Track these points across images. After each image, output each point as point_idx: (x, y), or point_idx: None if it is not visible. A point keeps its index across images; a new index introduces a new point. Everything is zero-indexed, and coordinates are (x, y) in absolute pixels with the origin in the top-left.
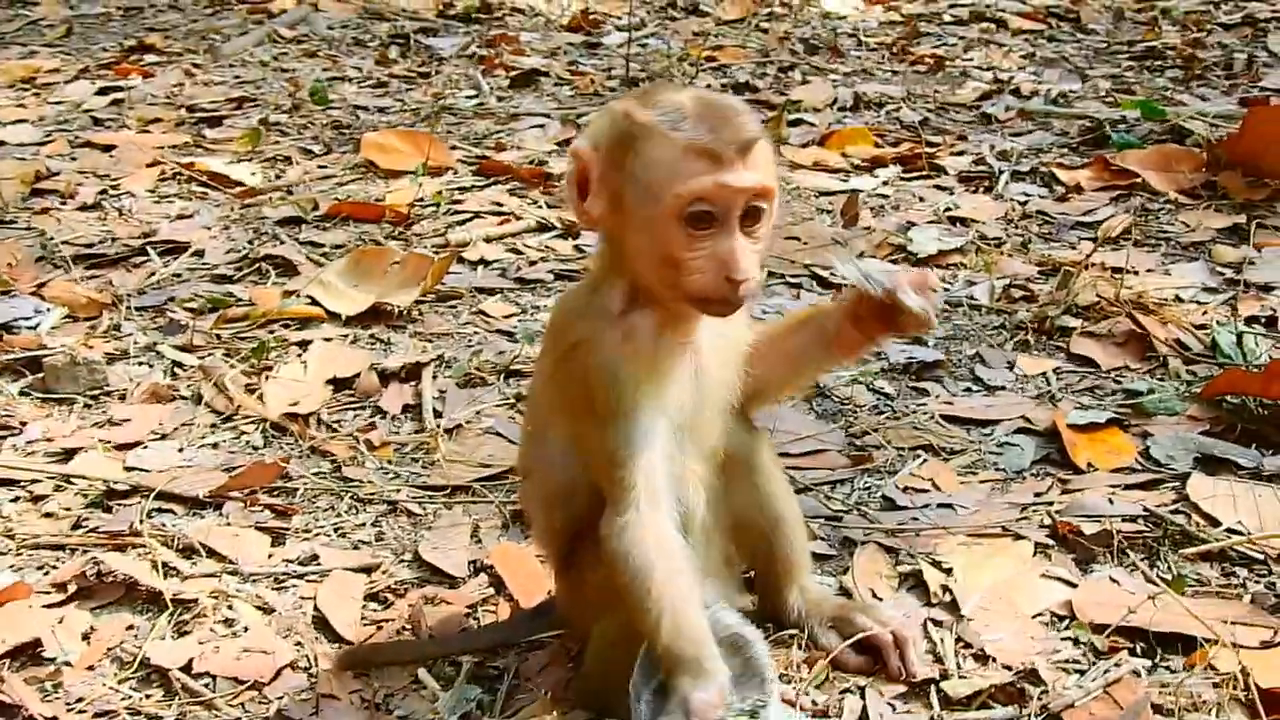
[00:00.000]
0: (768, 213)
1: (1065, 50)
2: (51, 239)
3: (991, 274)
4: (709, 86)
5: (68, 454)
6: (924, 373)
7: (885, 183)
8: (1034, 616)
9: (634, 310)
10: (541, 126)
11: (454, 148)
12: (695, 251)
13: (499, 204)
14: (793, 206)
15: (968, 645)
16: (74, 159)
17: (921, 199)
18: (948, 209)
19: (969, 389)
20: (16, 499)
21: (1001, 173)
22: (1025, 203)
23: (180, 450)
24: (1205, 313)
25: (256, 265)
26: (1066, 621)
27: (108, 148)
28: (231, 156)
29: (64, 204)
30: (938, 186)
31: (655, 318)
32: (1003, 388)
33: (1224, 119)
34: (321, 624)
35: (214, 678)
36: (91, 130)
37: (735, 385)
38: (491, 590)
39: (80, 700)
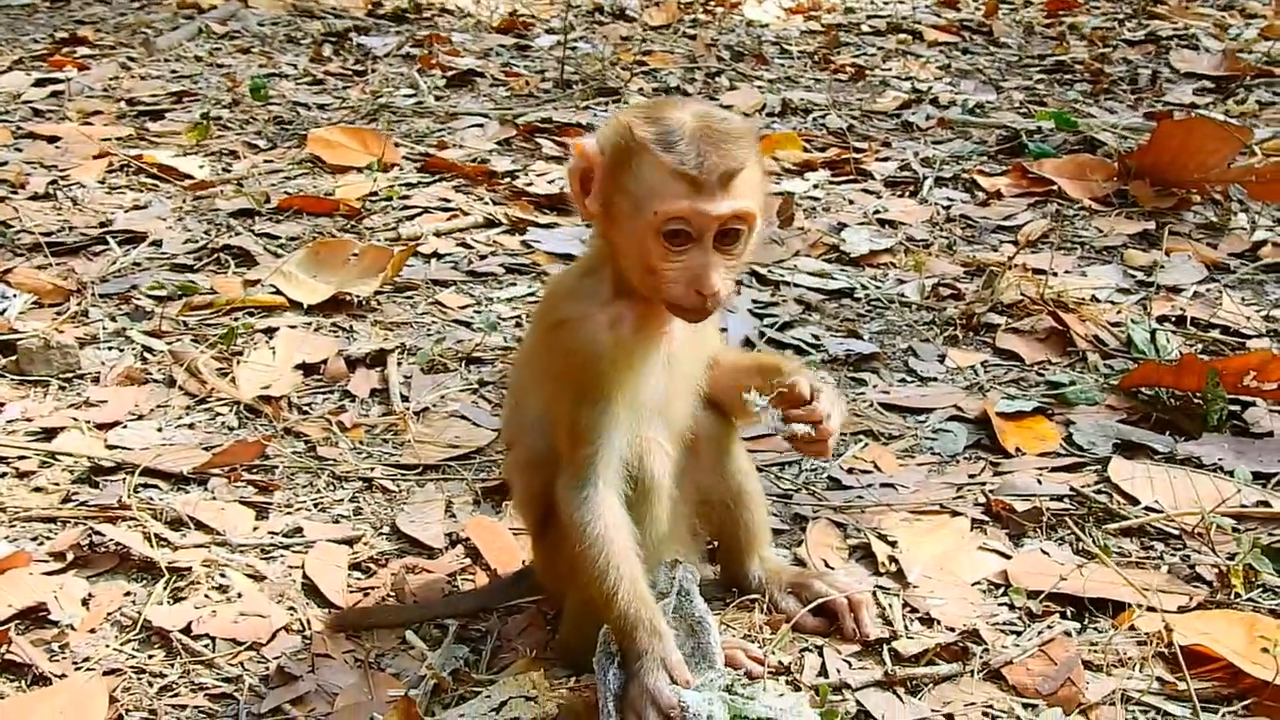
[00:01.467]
0: (746, 233)
1: (979, 62)
2: (10, 227)
3: (920, 273)
4: (640, 90)
5: (49, 433)
6: (861, 364)
7: (816, 186)
8: (973, 584)
9: (621, 299)
10: (481, 126)
11: (397, 145)
12: (671, 264)
13: (446, 199)
14: None
15: (914, 610)
16: (19, 149)
17: (851, 201)
18: (877, 212)
19: (903, 379)
20: (4, 475)
21: (925, 178)
22: (949, 207)
23: (159, 430)
24: (1120, 311)
25: (215, 255)
26: (1003, 589)
27: (52, 139)
28: (178, 149)
29: (15, 193)
30: (866, 190)
31: (638, 309)
32: (935, 379)
33: (1132, 131)
34: (311, 590)
35: (213, 639)
36: (33, 121)
37: (701, 375)
38: (468, 560)
39: (87, 660)
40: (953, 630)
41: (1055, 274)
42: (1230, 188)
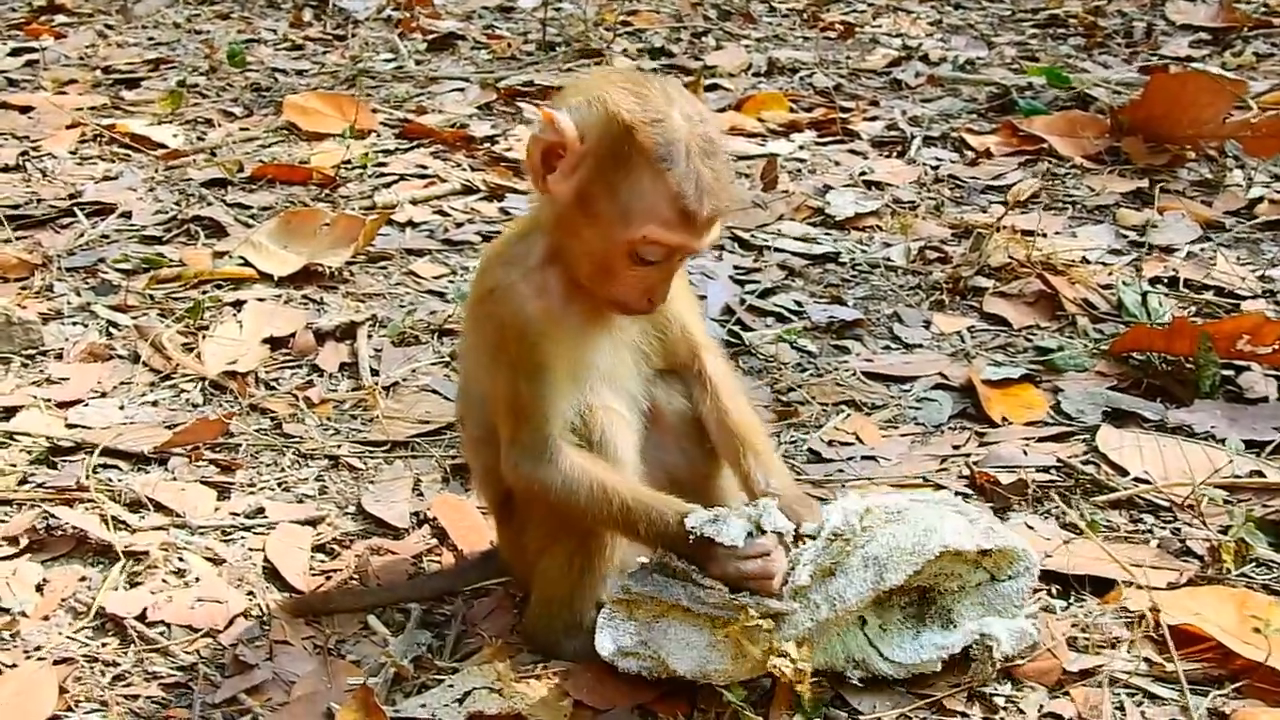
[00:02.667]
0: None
1: (971, 18)
2: None
3: (907, 236)
4: (624, 52)
5: (8, 412)
6: (844, 331)
7: (801, 147)
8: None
9: (550, 267)
10: (461, 90)
11: (375, 110)
12: (634, 274)
13: (423, 166)
14: None
15: None
16: None
17: (837, 163)
18: (863, 173)
19: (888, 347)
20: None
21: (913, 138)
22: (937, 167)
23: (121, 408)
24: (1111, 273)
25: (185, 226)
26: None
27: (25, 109)
28: (152, 118)
29: None
30: (852, 151)
31: (566, 278)
32: (920, 345)
33: (1126, 86)
34: (271, 574)
35: (168, 626)
36: (7, 91)
37: (654, 342)
38: (435, 541)
39: (38, 648)
40: None
41: (1045, 235)
42: (1226, 143)
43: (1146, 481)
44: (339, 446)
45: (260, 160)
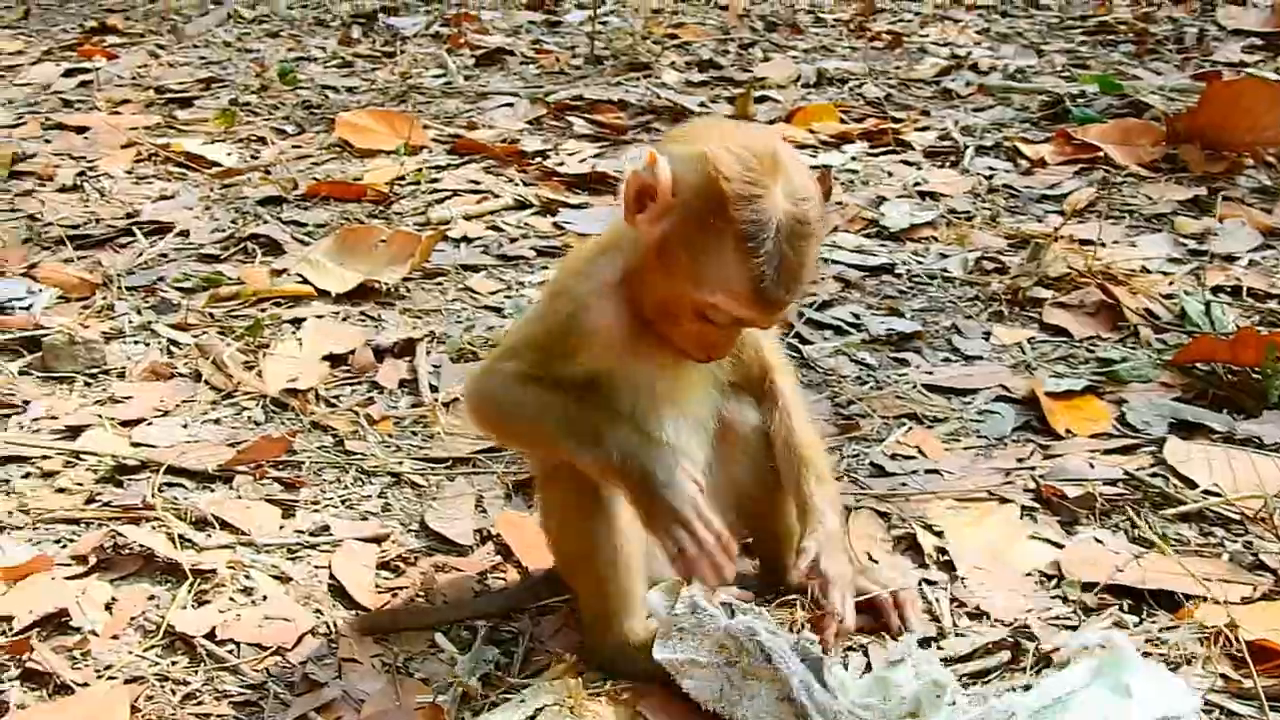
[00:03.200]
0: None
1: (1019, 25)
2: (37, 220)
3: (964, 247)
4: (672, 65)
5: (74, 431)
6: (903, 343)
7: (853, 158)
8: (1024, 576)
9: (624, 288)
10: (510, 105)
11: (426, 126)
12: (695, 327)
13: (476, 182)
14: None
15: (962, 604)
16: (48, 141)
17: (890, 174)
18: (916, 184)
19: (947, 359)
20: (28, 475)
21: (966, 147)
22: (991, 176)
23: (185, 426)
24: (1172, 282)
25: (242, 244)
26: (1055, 580)
27: (81, 129)
28: (206, 137)
29: (43, 185)
30: (905, 161)
31: (634, 309)
32: (980, 357)
33: (1180, 93)
34: (338, 591)
35: (237, 644)
36: (62, 112)
37: (723, 367)
38: (499, 558)
39: (109, 667)
40: (1004, 625)
41: (1103, 244)
42: None
43: (1217, 494)
44: (401, 463)
45: (314, 178)
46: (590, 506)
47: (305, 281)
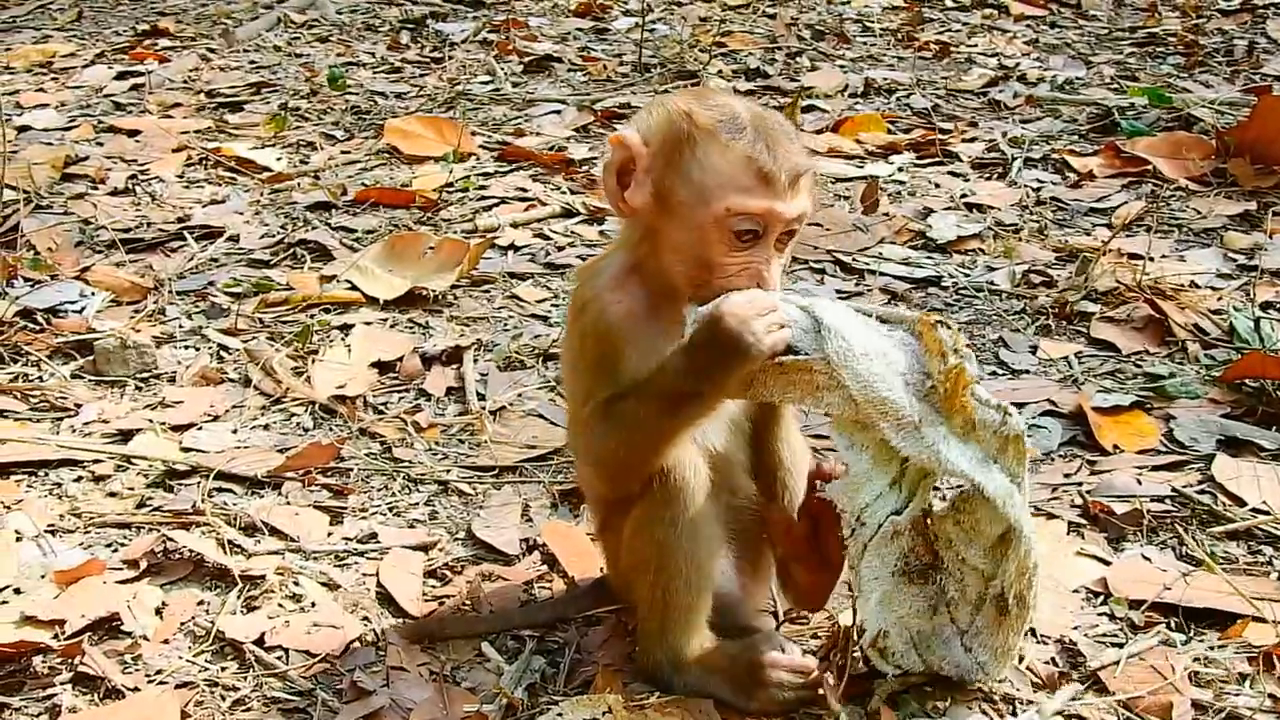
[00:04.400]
0: (799, 232)
1: (1068, 36)
2: (89, 223)
3: (1011, 260)
4: (719, 73)
5: (125, 435)
6: None
7: (900, 169)
8: (1071, 593)
9: (631, 276)
10: (558, 112)
11: (474, 133)
12: (732, 259)
13: (523, 189)
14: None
15: None
16: (100, 144)
17: (937, 185)
18: (964, 195)
19: (994, 372)
20: (80, 479)
21: (1014, 159)
22: (1039, 189)
23: (234, 431)
24: (1221, 298)
25: (291, 250)
26: (1102, 597)
27: (133, 133)
28: (256, 141)
29: (95, 189)
30: (952, 173)
31: (652, 291)
32: (1027, 371)
33: (1230, 106)
34: (385, 599)
35: (286, 650)
36: (114, 115)
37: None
38: (545, 567)
39: (159, 672)
40: (1052, 641)
41: (1152, 259)
42: None
43: (1265, 512)
44: (448, 471)
45: (363, 183)
46: (668, 518)
47: (354, 288)
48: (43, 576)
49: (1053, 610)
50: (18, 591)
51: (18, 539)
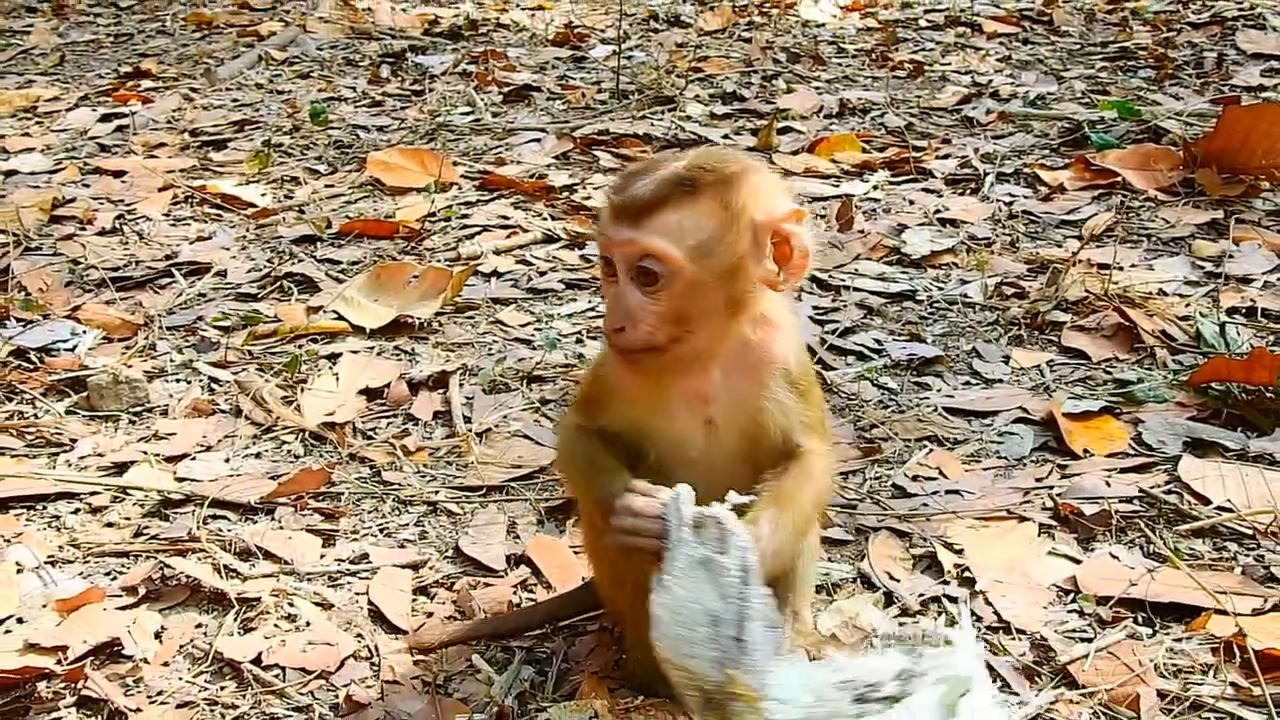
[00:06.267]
0: (667, 278)
1: (1040, 52)
2: (79, 264)
3: (983, 273)
4: (696, 98)
5: (120, 468)
6: (924, 368)
7: (875, 187)
8: (1044, 591)
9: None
10: (538, 140)
11: (455, 163)
12: (606, 291)
13: (505, 217)
14: None
15: (980, 619)
16: (87, 185)
17: (911, 202)
18: (937, 211)
19: (968, 382)
20: (77, 510)
21: (986, 175)
22: (1011, 203)
23: (227, 460)
24: (1188, 305)
25: (278, 283)
26: (1072, 595)
27: (119, 173)
28: (240, 178)
29: (84, 229)
30: (926, 190)
31: (662, 361)
32: (1000, 380)
33: (1198, 118)
34: (377, 616)
35: (283, 669)
36: (100, 156)
37: (755, 445)
38: (532, 579)
39: (160, 694)
40: (1024, 635)
41: (1121, 268)
42: None
43: (1229, 510)
44: (436, 492)
45: (347, 216)
46: None
47: (340, 318)
48: (44, 606)
49: (1026, 608)
50: (20, 621)
51: (19, 570)
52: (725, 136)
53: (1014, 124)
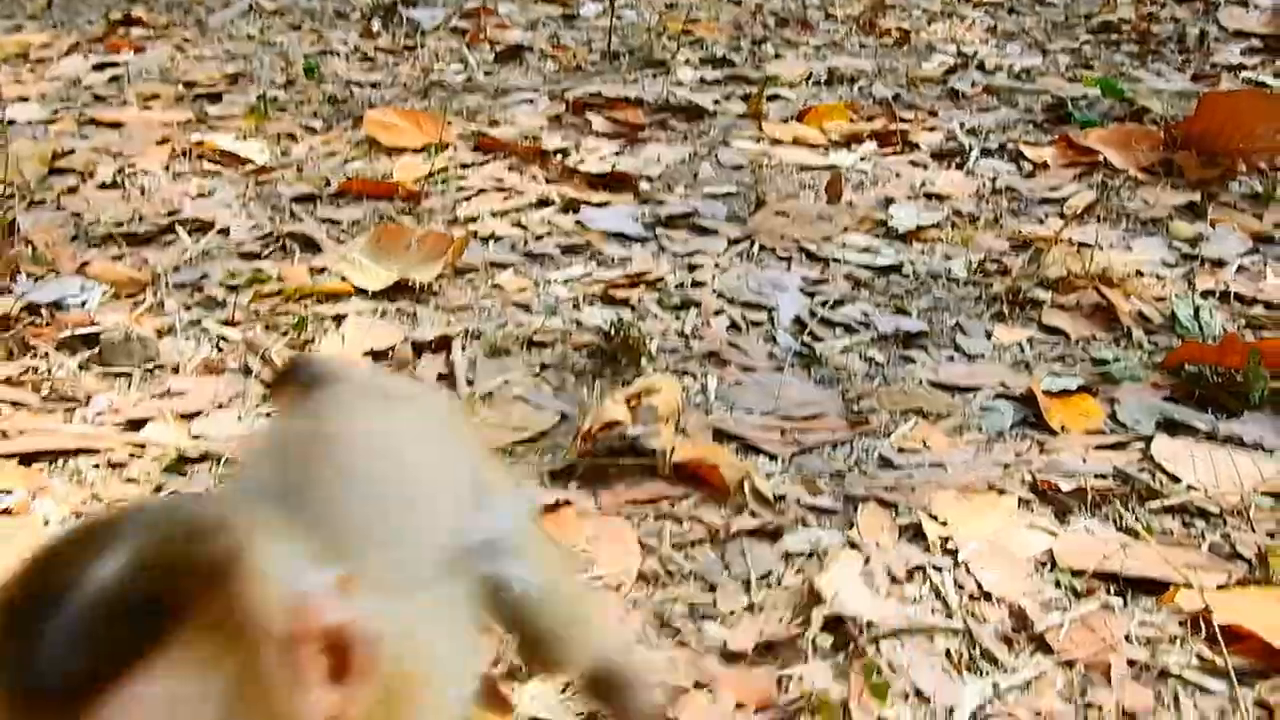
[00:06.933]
0: None
1: (1025, 23)
2: (82, 218)
3: (968, 248)
4: (688, 61)
5: (136, 424)
6: (910, 341)
7: (863, 158)
8: (1021, 563)
9: None
10: (531, 102)
11: (450, 123)
12: None
13: (500, 180)
14: (778, 182)
15: (962, 587)
16: (85, 137)
17: (898, 174)
18: (923, 185)
19: (951, 357)
20: (97, 465)
21: (971, 149)
22: (995, 179)
23: (239, 419)
24: (1164, 286)
25: (280, 242)
26: (1050, 566)
27: (115, 125)
28: (237, 133)
29: (84, 182)
30: (913, 162)
31: None
32: (981, 356)
33: (1180, 96)
34: None
35: None
36: (95, 107)
37: None
38: None
39: None
40: (1003, 603)
41: (1100, 248)
42: (1277, 157)
43: (1198, 489)
44: None
45: (345, 175)
46: None
47: (343, 279)
48: None
49: (1005, 579)
50: None
51: (46, 524)
52: (715, 102)
53: (998, 98)
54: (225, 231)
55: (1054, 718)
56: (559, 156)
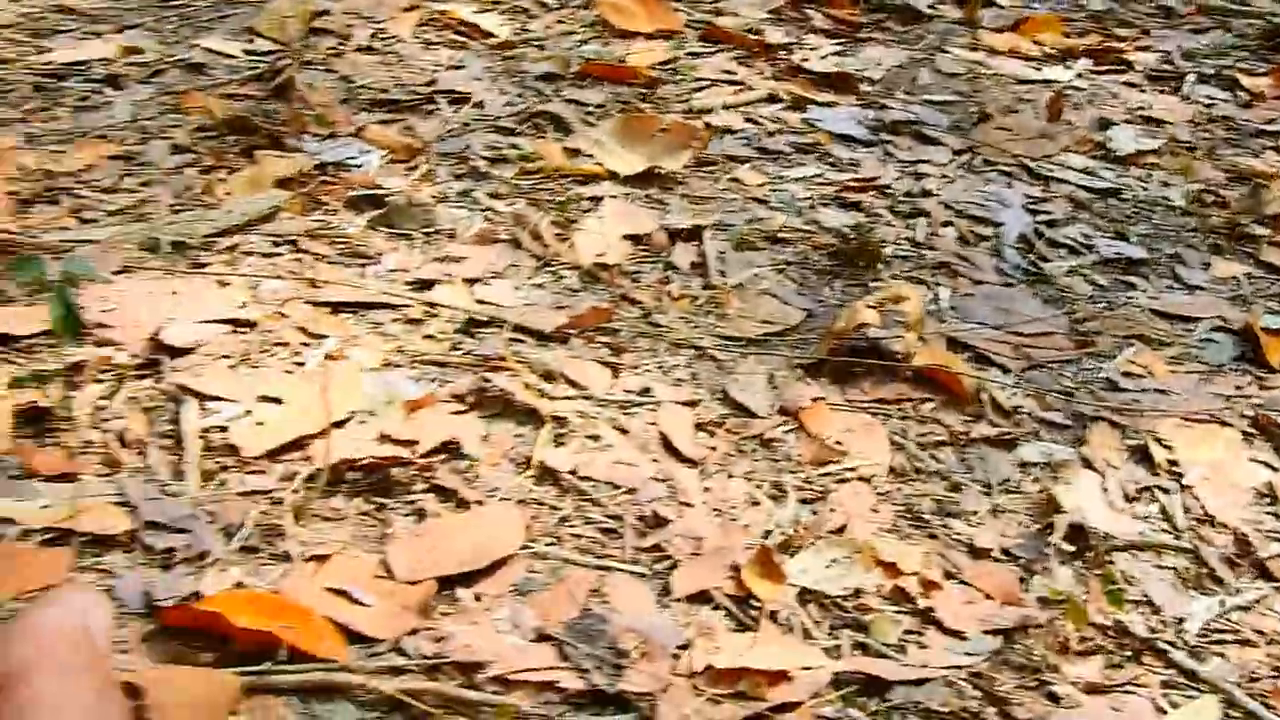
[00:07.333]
0: None
1: None
2: (350, 81)
3: (1187, 178)
4: None
5: (425, 284)
6: (1130, 268)
7: (1079, 75)
8: (1244, 491)
9: None
10: None
11: (676, 9)
12: None
13: (729, 72)
14: (995, 94)
15: (1189, 511)
16: None
17: (1115, 95)
18: (1140, 108)
19: (1170, 286)
20: (396, 320)
21: (1187, 75)
22: (1210, 106)
23: (516, 289)
24: None
25: (532, 119)
26: (1269, 499)
27: None
28: (477, 4)
29: (344, 44)
30: (1128, 84)
31: None
32: (1200, 287)
33: None
34: (667, 445)
35: (595, 481)
36: None
37: None
38: (793, 425)
39: (496, 489)
40: (1227, 529)
41: None
42: None
43: None
44: (701, 339)
45: (582, 57)
46: None
47: (597, 162)
48: (388, 403)
49: (1228, 506)
50: (372, 414)
51: (362, 371)
52: (930, 6)
53: (1212, 19)
54: (480, 105)
55: (1278, 639)
56: (782, 53)
